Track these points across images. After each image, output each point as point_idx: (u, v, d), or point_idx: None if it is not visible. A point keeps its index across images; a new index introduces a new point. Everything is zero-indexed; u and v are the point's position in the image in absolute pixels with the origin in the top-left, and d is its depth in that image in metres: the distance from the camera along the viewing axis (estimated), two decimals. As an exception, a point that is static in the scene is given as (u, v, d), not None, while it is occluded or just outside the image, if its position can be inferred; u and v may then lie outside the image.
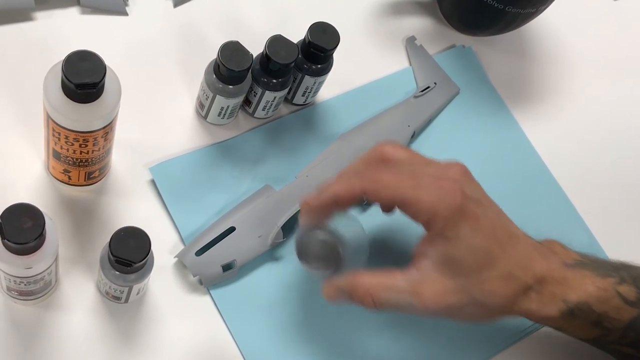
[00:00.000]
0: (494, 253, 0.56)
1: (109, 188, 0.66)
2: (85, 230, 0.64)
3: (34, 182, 0.65)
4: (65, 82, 0.52)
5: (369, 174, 0.57)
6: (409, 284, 0.56)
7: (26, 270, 0.53)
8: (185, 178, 0.68)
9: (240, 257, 0.65)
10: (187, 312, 0.64)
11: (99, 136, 0.57)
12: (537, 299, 0.58)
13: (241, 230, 0.66)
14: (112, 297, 0.61)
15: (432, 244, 0.57)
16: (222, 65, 0.64)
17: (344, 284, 0.58)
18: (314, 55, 0.68)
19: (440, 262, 0.56)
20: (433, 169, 0.58)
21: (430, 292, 0.56)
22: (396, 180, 0.56)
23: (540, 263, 0.58)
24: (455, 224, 0.55)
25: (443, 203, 0.55)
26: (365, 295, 0.57)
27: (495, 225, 0.57)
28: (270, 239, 0.66)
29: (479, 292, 0.56)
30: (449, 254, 0.56)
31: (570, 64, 0.87)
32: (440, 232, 0.56)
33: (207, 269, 0.64)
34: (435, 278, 0.56)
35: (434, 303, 0.56)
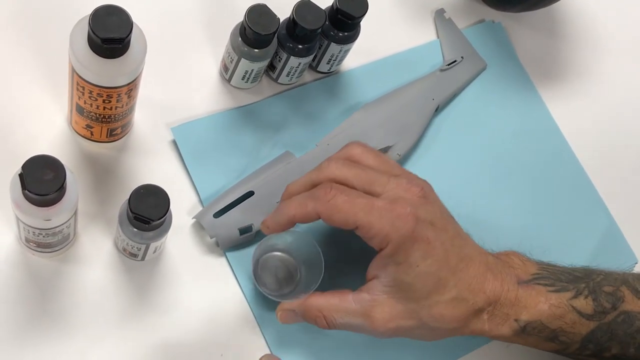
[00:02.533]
0: (444, 278, 0.57)
1: (130, 146, 0.67)
2: (105, 186, 0.65)
3: (56, 136, 0.65)
4: (92, 37, 0.52)
5: (324, 197, 0.56)
6: (360, 307, 0.58)
7: (45, 222, 0.54)
8: (206, 140, 0.68)
9: (257, 221, 0.65)
10: (203, 273, 0.65)
11: (123, 93, 0.57)
12: (488, 320, 0.58)
13: (260, 195, 0.66)
14: (129, 254, 0.62)
15: (383, 268, 0.57)
16: (248, 28, 0.64)
17: (296, 306, 0.60)
18: (342, 22, 0.68)
19: (390, 286, 0.57)
20: (392, 188, 0.57)
21: (379, 315, 0.57)
22: (349, 205, 0.56)
23: (493, 284, 0.58)
24: (406, 250, 0.56)
25: (394, 229, 0.55)
26: (318, 316, 0.59)
27: (447, 249, 0.57)
28: None
29: (428, 317, 0.57)
30: (399, 279, 0.56)
31: (599, 44, 0.86)
32: (391, 257, 0.56)
33: (225, 232, 0.64)
34: (385, 302, 0.57)
35: (383, 326, 0.57)
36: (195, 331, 0.63)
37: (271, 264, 0.66)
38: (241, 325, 0.64)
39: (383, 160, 0.61)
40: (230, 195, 0.65)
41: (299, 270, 0.66)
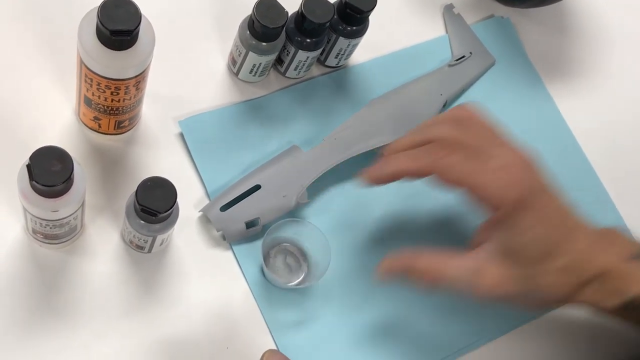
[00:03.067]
0: (556, 245, 0.56)
1: (138, 138, 0.67)
2: (113, 178, 0.65)
3: (64, 128, 0.65)
4: (100, 28, 0.52)
5: (439, 153, 0.57)
6: (468, 269, 0.57)
7: (52, 213, 0.54)
8: (213, 134, 0.68)
9: (264, 215, 0.65)
10: (209, 266, 0.65)
11: (131, 85, 0.57)
12: (596, 291, 0.57)
13: (266, 188, 0.66)
14: (135, 246, 0.62)
15: (494, 231, 0.57)
16: (256, 21, 0.64)
17: (403, 262, 0.59)
18: (350, 16, 0.68)
19: (501, 250, 0.57)
20: (501, 154, 0.57)
21: (489, 278, 0.57)
22: (464, 165, 0.56)
23: (604, 256, 0.57)
24: (518, 215, 0.55)
25: (508, 192, 0.55)
26: (423, 276, 0.58)
27: (559, 217, 0.57)
28: (295, 199, 0.66)
29: (537, 284, 0.57)
30: (511, 243, 0.56)
31: (608, 41, 0.86)
32: (503, 221, 0.56)
33: (231, 225, 0.64)
34: (493, 267, 0.57)
35: (490, 290, 0.57)
36: (201, 324, 0.63)
37: (280, 254, 0.66)
38: (246, 318, 0.64)
39: (491, 126, 0.60)
40: (237, 189, 0.65)
41: (308, 259, 0.66)
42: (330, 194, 0.70)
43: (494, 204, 0.56)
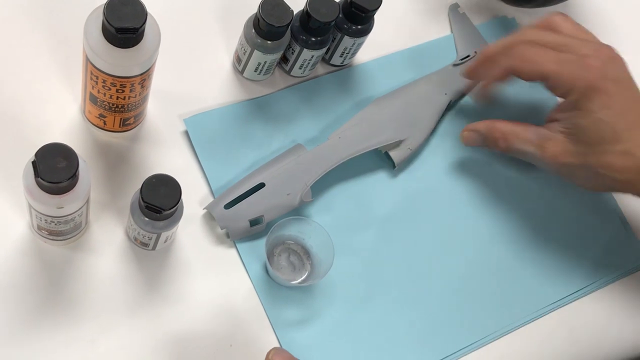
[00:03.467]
0: (619, 130, 0.61)
1: (143, 136, 0.67)
2: (118, 175, 0.65)
3: (69, 125, 0.65)
4: (106, 26, 0.53)
5: (516, 52, 0.64)
6: (537, 138, 0.66)
7: (57, 209, 0.54)
8: (218, 131, 0.69)
9: (268, 213, 0.65)
10: (213, 264, 0.65)
11: (136, 82, 0.57)
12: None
13: (270, 186, 0.66)
14: (140, 243, 0.62)
15: (564, 112, 0.64)
16: (262, 19, 0.64)
17: (482, 127, 0.69)
18: (355, 15, 0.68)
19: (567, 127, 0.64)
20: (584, 48, 0.63)
21: (552, 148, 0.65)
22: (539, 56, 0.63)
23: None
24: (588, 97, 0.61)
25: (580, 77, 0.62)
26: (500, 138, 0.68)
27: (628, 105, 0.62)
28: (298, 198, 0.66)
29: (596, 161, 0.63)
30: (577, 122, 0.63)
31: (614, 41, 0.85)
32: (573, 103, 0.63)
33: (235, 223, 0.64)
34: (559, 138, 0.65)
35: (552, 158, 0.65)
36: (205, 321, 0.63)
37: (284, 252, 0.67)
38: (250, 316, 0.64)
39: (582, 29, 0.66)
40: (241, 187, 0.66)
41: (311, 257, 0.67)
42: (334, 193, 0.70)
43: (565, 90, 0.62)
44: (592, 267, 0.73)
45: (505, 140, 0.68)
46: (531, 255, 0.72)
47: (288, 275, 0.66)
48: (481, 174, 0.74)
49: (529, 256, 0.72)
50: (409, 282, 0.68)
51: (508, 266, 0.71)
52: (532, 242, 0.73)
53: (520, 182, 0.75)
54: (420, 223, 0.71)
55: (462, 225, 0.72)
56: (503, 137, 0.68)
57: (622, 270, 0.74)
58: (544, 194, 0.75)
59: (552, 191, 0.75)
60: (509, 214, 0.73)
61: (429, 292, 0.68)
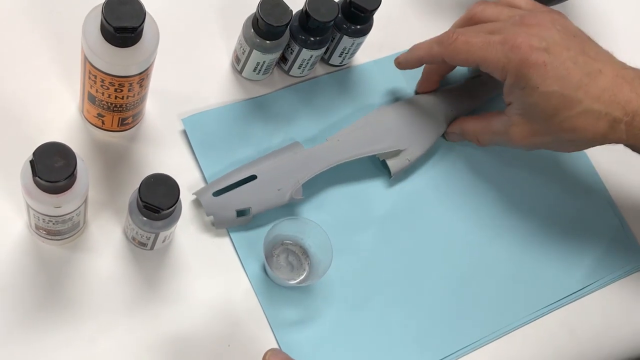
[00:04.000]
0: (568, 95, 0.61)
1: (141, 135, 0.67)
2: (116, 175, 0.65)
3: (67, 125, 0.65)
4: (105, 25, 0.52)
5: (447, 41, 0.65)
6: (502, 126, 0.66)
7: (55, 209, 0.54)
8: (216, 131, 0.68)
9: (256, 205, 0.65)
10: (211, 264, 0.65)
11: (135, 82, 0.57)
12: (626, 130, 0.62)
13: (262, 180, 0.65)
14: (138, 243, 0.62)
15: (511, 94, 0.64)
16: (261, 19, 0.64)
17: (456, 129, 0.71)
18: (354, 15, 0.68)
19: (520, 109, 0.64)
20: (513, 23, 0.64)
21: (517, 134, 0.65)
22: (468, 45, 0.63)
23: (629, 95, 0.61)
24: (525, 75, 0.61)
25: (509, 59, 0.61)
26: (473, 138, 0.70)
27: (567, 68, 0.61)
28: (289, 195, 0.65)
29: (560, 131, 0.63)
30: (526, 102, 0.63)
31: (615, 42, 0.85)
32: (513, 85, 0.63)
33: (222, 211, 0.64)
34: (519, 122, 0.65)
35: (521, 141, 0.66)
36: (203, 321, 0.63)
37: (282, 252, 0.67)
38: (248, 316, 0.64)
39: (533, 3, 0.68)
40: (233, 177, 0.65)
41: (310, 257, 0.66)
42: (332, 193, 0.70)
43: (500, 74, 0.63)
44: (591, 268, 0.73)
45: (477, 139, 0.69)
46: (530, 256, 0.72)
47: (286, 275, 0.66)
48: (480, 175, 0.74)
49: (528, 257, 0.72)
50: (407, 283, 0.68)
51: (507, 267, 0.71)
52: (531, 243, 0.73)
53: (519, 183, 0.75)
54: (419, 224, 0.71)
55: (460, 226, 0.72)
56: (475, 136, 0.70)
57: (621, 272, 0.74)
58: (543, 195, 0.75)
59: (552, 192, 0.75)
60: (507, 215, 0.73)
61: (427, 293, 0.68)
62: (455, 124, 0.72)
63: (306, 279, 0.66)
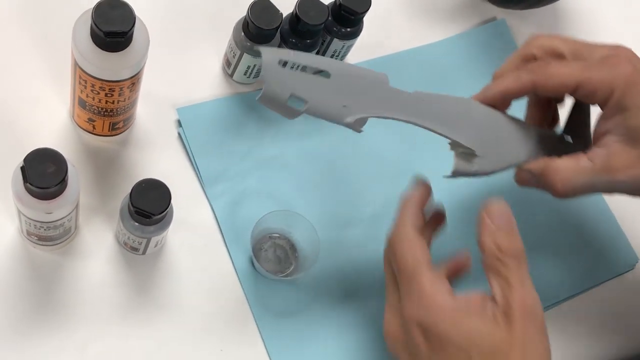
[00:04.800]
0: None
1: (132, 140, 0.67)
2: (107, 180, 0.65)
3: (58, 130, 0.65)
4: (94, 30, 0.52)
5: (536, 67, 0.58)
6: (597, 162, 0.57)
7: (47, 215, 0.54)
8: (211, 122, 0.69)
9: (314, 104, 0.54)
10: (203, 268, 0.65)
11: (125, 86, 0.57)
12: None
13: (334, 83, 0.55)
14: (130, 247, 0.62)
15: (611, 119, 0.56)
16: (251, 23, 0.64)
17: (536, 168, 0.59)
18: (344, 18, 0.68)
19: (623, 134, 0.56)
20: (601, 50, 0.59)
21: (619, 164, 0.56)
22: (564, 68, 0.57)
23: None
24: (631, 95, 0.55)
25: (615, 75, 0.56)
26: (555, 181, 0.57)
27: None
28: (352, 118, 0.56)
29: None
30: (631, 124, 0.56)
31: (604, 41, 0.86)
32: (617, 105, 0.56)
33: (277, 84, 0.53)
34: (621, 149, 0.56)
35: (625, 174, 0.56)
36: (195, 326, 0.63)
37: (270, 247, 0.67)
38: (241, 321, 0.64)
39: (573, 40, 0.61)
40: (307, 59, 0.55)
41: (297, 250, 0.67)
42: (320, 186, 0.70)
43: (603, 94, 0.56)
44: (585, 269, 0.73)
45: (562, 182, 0.57)
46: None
47: (273, 268, 0.66)
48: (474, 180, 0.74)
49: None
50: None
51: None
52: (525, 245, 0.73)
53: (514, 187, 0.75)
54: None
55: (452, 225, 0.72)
56: (558, 179, 0.58)
57: (615, 273, 0.74)
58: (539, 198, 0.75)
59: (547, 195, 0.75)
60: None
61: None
62: (537, 162, 0.60)
63: (293, 273, 0.66)
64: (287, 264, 0.67)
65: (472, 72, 0.79)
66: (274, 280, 0.65)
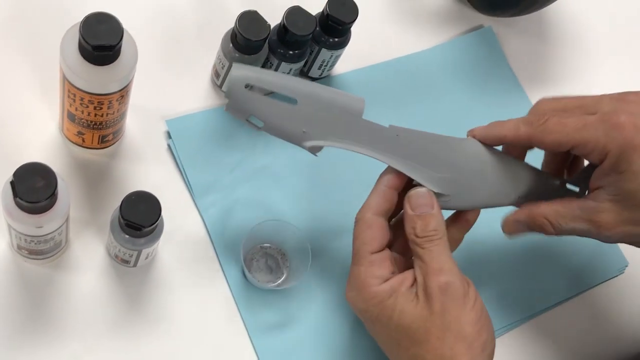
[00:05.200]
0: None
1: (122, 152, 0.67)
2: (97, 193, 0.65)
3: (48, 143, 0.65)
4: (83, 44, 0.52)
5: (537, 121, 0.58)
6: (585, 212, 0.58)
7: (37, 229, 0.54)
8: (200, 133, 0.69)
9: (272, 126, 0.57)
10: (195, 280, 0.65)
11: (114, 99, 0.57)
12: None
13: (299, 109, 0.57)
14: (121, 260, 0.62)
15: (606, 177, 0.57)
16: (239, 34, 0.64)
17: (522, 216, 0.61)
18: (332, 28, 0.68)
19: (615, 194, 0.57)
20: (606, 102, 0.58)
21: (605, 220, 0.57)
22: (561, 126, 0.57)
23: None
24: (627, 158, 0.55)
25: (611, 139, 0.55)
26: (544, 223, 0.60)
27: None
28: (310, 143, 0.57)
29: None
30: (624, 187, 0.56)
31: (591, 49, 0.86)
32: (612, 167, 0.56)
33: (239, 102, 0.56)
34: (610, 208, 0.57)
35: (609, 231, 0.57)
36: (187, 338, 0.63)
37: (262, 256, 0.67)
38: (233, 333, 0.64)
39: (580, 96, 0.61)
40: (276, 84, 0.57)
41: (288, 259, 0.67)
42: (311, 195, 0.70)
43: (598, 156, 0.57)
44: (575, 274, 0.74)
45: (552, 225, 0.60)
46: (514, 265, 0.73)
47: (265, 278, 0.66)
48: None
49: (511, 267, 0.73)
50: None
51: (489, 274, 0.72)
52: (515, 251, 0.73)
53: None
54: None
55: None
56: (548, 222, 0.60)
57: (605, 277, 0.75)
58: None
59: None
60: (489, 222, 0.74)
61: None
62: (519, 211, 0.61)
63: (284, 282, 0.66)
64: (279, 273, 0.67)
65: (459, 80, 0.80)
66: (266, 290, 0.66)
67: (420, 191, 0.58)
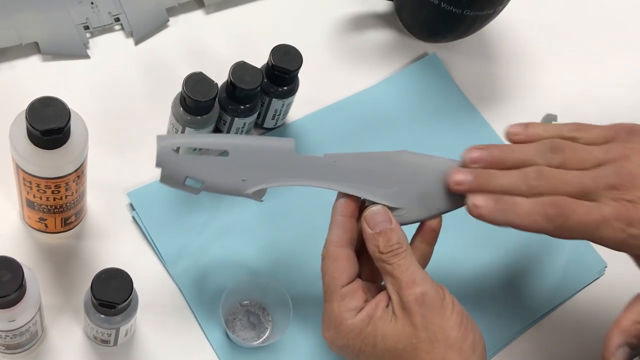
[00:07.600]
0: None
1: (87, 231, 0.66)
2: (67, 276, 0.64)
3: (10, 233, 0.64)
4: (31, 130, 0.52)
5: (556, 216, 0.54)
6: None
7: (10, 323, 0.53)
8: (163, 201, 0.68)
9: (210, 184, 0.57)
10: (179, 349, 0.64)
11: (71, 180, 0.57)
12: None
13: (232, 160, 0.57)
14: (100, 341, 0.61)
15: None
16: (187, 97, 0.64)
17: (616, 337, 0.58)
18: (279, 77, 0.69)
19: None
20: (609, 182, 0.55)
21: None
22: (583, 224, 0.54)
23: None
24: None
25: (629, 235, 0.54)
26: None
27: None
28: (252, 190, 0.58)
29: None
30: None
31: (533, 59, 0.88)
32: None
33: (173, 169, 0.56)
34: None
35: None
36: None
37: (243, 314, 0.66)
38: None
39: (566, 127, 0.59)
40: (204, 141, 0.58)
41: (269, 313, 0.66)
42: (286, 246, 0.70)
43: (619, 249, 0.56)
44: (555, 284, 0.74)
45: None
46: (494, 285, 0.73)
47: (248, 336, 0.65)
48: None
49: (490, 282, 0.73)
50: None
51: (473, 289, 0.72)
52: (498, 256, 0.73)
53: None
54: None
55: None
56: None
57: (587, 281, 0.75)
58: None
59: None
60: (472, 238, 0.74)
61: None
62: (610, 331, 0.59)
63: (269, 338, 0.65)
64: (262, 329, 0.66)
65: (413, 109, 0.80)
66: (252, 349, 0.65)
67: (375, 209, 0.57)
